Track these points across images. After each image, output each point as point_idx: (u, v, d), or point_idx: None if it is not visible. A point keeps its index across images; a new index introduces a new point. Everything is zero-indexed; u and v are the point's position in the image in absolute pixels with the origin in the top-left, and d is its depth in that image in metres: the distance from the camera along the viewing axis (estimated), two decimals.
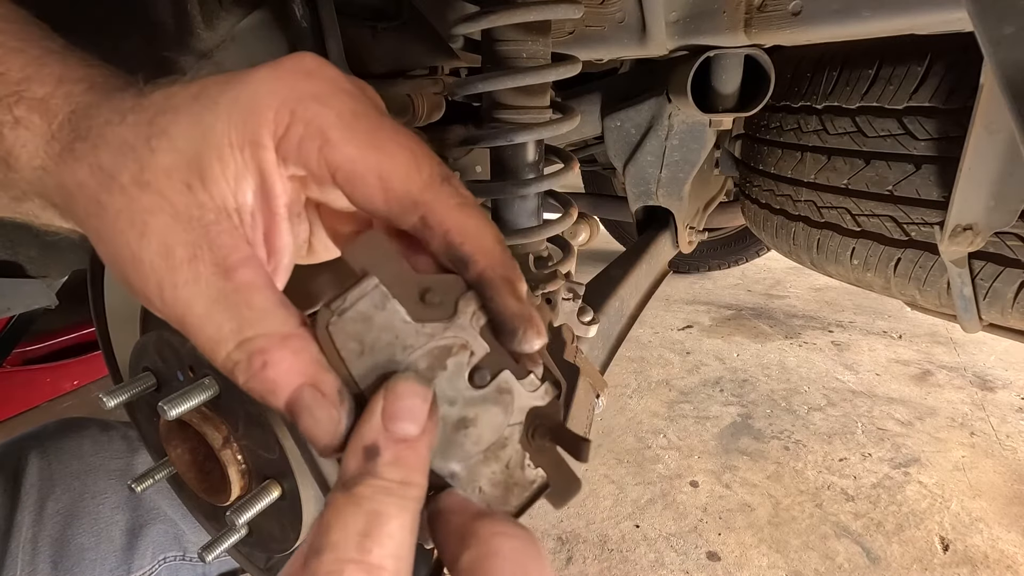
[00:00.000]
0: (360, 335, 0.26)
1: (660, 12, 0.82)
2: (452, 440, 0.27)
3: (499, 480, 0.28)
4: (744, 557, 1.48)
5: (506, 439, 0.28)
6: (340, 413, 0.25)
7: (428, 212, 0.26)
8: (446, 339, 0.27)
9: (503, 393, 0.28)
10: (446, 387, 0.27)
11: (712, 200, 1.59)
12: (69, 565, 0.68)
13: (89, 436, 0.76)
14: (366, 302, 0.26)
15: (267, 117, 0.25)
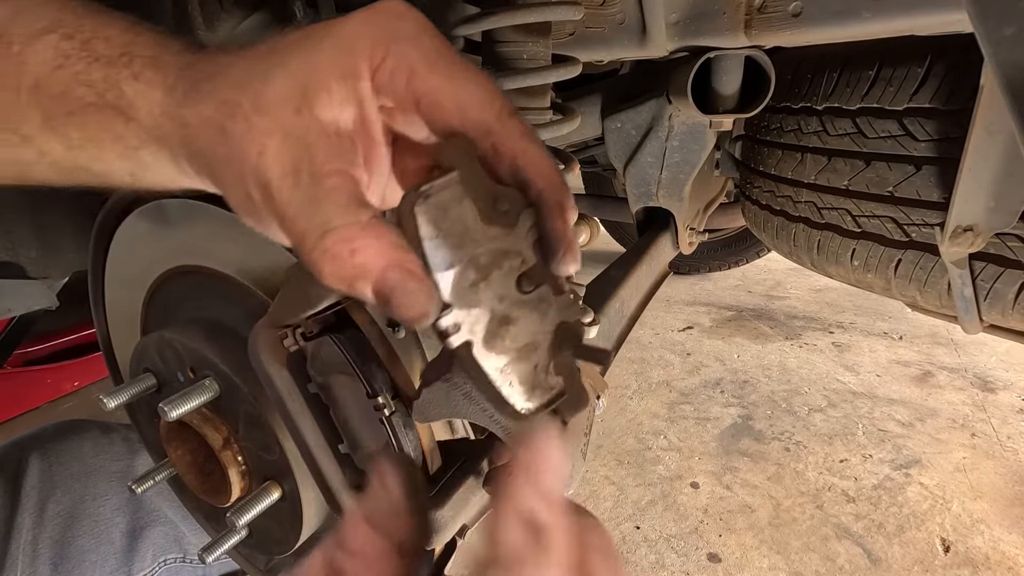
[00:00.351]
0: (437, 222, 0.29)
1: (660, 13, 0.82)
2: (496, 333, 0.30)
3: (526, 379, 0.31)
4: (745, 558, 1.48)
5: (537, 344, 0.31)
6: (429, 285, 0.28)
7: (498, 139, 0.30)
8: (506, 244, 0.30)
9: (542, 302, 0.31)
10: (498, 285, 0.30)
11: (712, 201, 1.59)
12: (69, 567, 0.68)
13: (90, 438, 0.76)
14: (447, 194, 0.29)
15: (365, 53, 0.29)
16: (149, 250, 0.50)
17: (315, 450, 0.39)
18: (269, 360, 0.37)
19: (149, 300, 0.53)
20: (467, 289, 0.30)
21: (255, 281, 0.44)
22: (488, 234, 0.30)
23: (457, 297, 0.30)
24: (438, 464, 0.43)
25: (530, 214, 0.31)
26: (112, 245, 0.52)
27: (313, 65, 0.29)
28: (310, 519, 0.47)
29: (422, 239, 0.29)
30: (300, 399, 0.38)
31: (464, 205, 0.30)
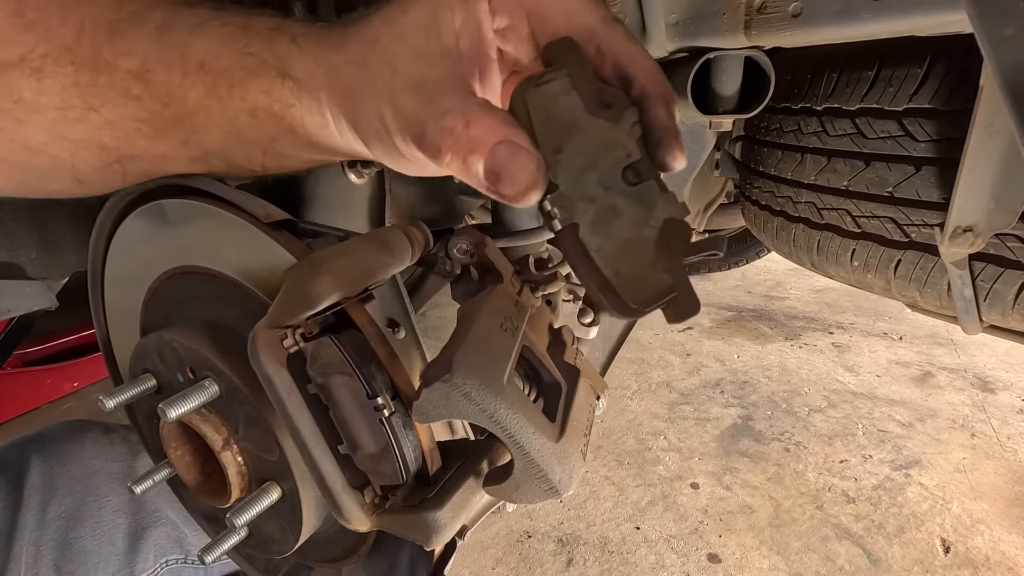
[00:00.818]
0: (546, 108, 0.31)
1: (660, 14, 0.82)
2: (602, 221, 0.31)
3: (633, 272, 0.32)
4: (745, 559, 1.48)
5: (644, 239, 0.32)
6: (538, 158, 0.30)
7: (602, 41, 0.33)
8: (611, 135, 0.32)
9: (647, 196, 0.32)
10: (604, 174, 0.31)
11: (712, 202, 1.59)
12: (72, 568, 0.68)
13: (91, 439, 0.76)
14: (555, 85, 0.31)
15: None
16: (149, 251, 0.50)
17: (315, 451, 0.39)
18: (269, 361, 0.37)
19: (149, 301, 0.53)
20: (575, 173, 0.31)
21: (255, 282, 0.44)
22: (594, 125, 0.31)
23: (565, 179, 0.31)
24: (438, 465, 0.43)
25: (634, 111, 0.32)
26: (112, 246, 0.52)
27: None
28: (310, 519, 0.47)
29: (532, 122, 0.31)
30: (300, 400, 0.38)
31: (571, 97, 0.31)
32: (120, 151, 0.40)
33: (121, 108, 0.38)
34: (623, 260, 0.32)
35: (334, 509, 0.41)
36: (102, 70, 0.38)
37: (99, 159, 0.41)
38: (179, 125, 0.39)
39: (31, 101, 0.38)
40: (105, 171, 0.42)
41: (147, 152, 0.41)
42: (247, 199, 0.42)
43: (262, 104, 0.37)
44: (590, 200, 0.31)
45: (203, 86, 0.37)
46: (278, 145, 0.39)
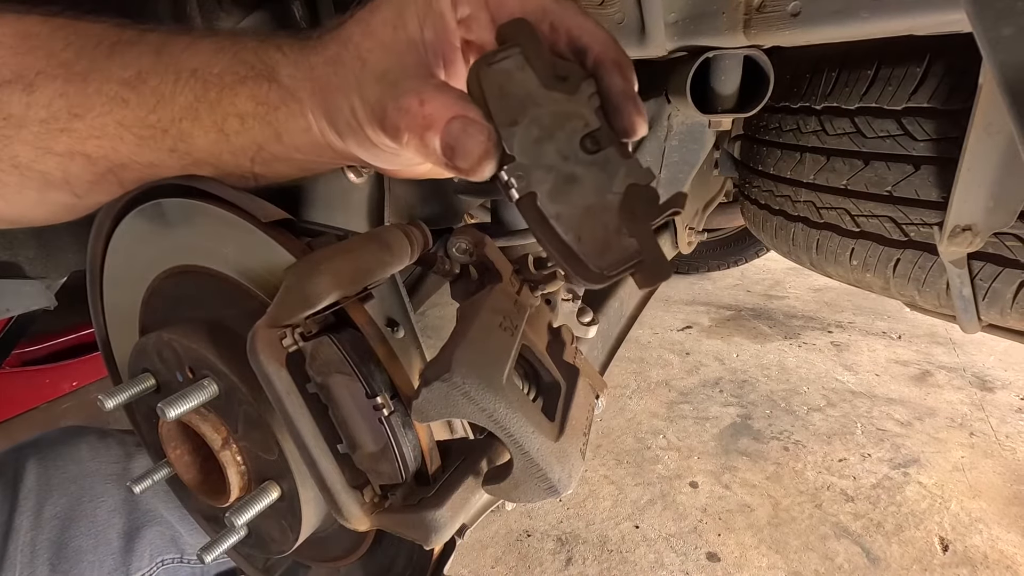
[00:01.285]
0: (501, 84, 0.32)
1: (659, 13, 0.82)
2: (561, 189, 0.32)
3: (597, 237, 0.32)
4: (744, 558, 1.48)
5: (607, 205, 0.32)
6: (490, 130, 0.32)
7: (555, 17, 0.34)
8: (568, 107, 0.32)
9: (609, 163, 0.32)
10: (562, 144, 0.32)
11: (711, 201, 1.59)
12: (67, 568, 0.68)
13: (87, 442, 0.76)
14: (509, 62, 0.32)
15: None
16: (148, 250, 0.49)
17: (314, 450, 0.39)
18: (268, 360, 0.37)
19: (148, 300, 0.53)
20: (531, 144, 0.32)
21: (254, 281, 0.44)
22: (550, 97, 0.32)
23: (521, 150, 0.32)
24: (437, 464, 0.43)
25: (591, 83, 0.33)
26: (111, 245, 0.51)
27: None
28: (309, 519, 0.47)
29: (487, 97, 0.32)
30: (299, 399, 0.38)
31: (525, 72, 0.32)
32: (108, 161, 0.41)
33: (106, 115, 0.39)
34: (586, 226, 0.32)
35: (333, 508, 0.41)
36: (93, 80, 0.39)
37: (89, 171, 0.41)
38: (165, 133, 0.40)
39: (19, 116, 0.39)
40: (100, 183, 0.42)
41: (134, 161, 0.41)
42: (246, 198, 0.42)
43: (250, 110, 0.38)
44: (548, 169, 0.32)
45: (193, 92, 0.38)
46: (266, 152, 0.40)
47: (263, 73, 0.38)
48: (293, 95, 0.38)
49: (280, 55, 0.38)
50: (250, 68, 0.38)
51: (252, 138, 0.39)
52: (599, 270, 0.32)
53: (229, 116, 0.39)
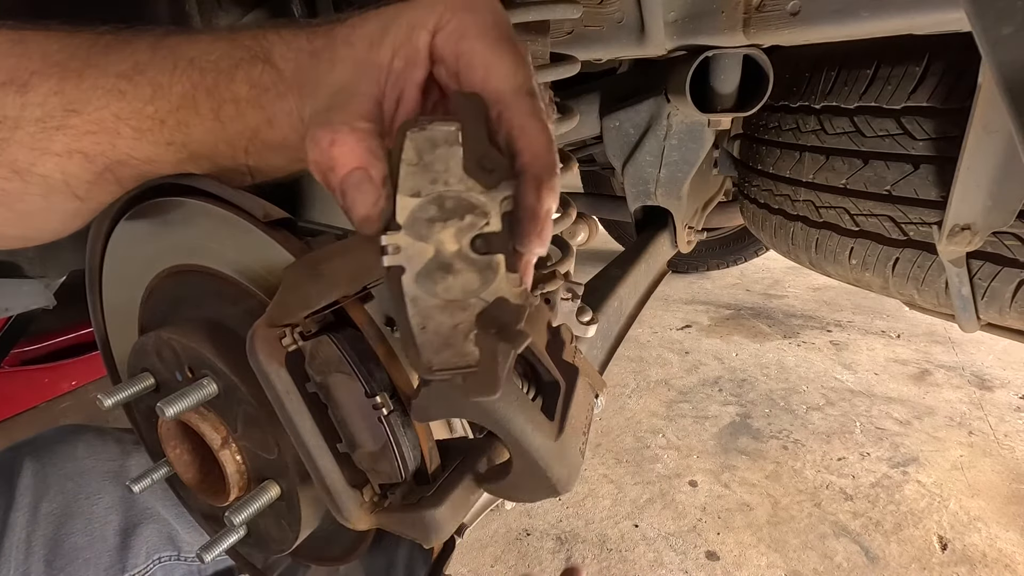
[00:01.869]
0: (422, 152, 0.31)
1: (659, 12, 0.82)
2: (431, 275, 0.31)
3: (443, 332, 0.32)
4: (743, 556, 1.48)
5: (468, 306, 0.32)
6: (381, 195, 0.32)
7: (505, 109, 0.33)
8: (475, 199, 0.31)
9: (488, 270, 0.31)
10: (454, 233, 0.31)
11: (711, 200, 1.59)
12: (63, 564, 0.68)
13: (84, 440, 0.76)
14: (441, 134, 0.31)
15: (436, 13, 0.35)
16: (147, 249, 0.49)
17: (313, 449, 0.39)
18: (267, 359, 0.37)
19: (147, 299, 0.52)
20: (423, 221, 0.31)
21: (253, 280, 0.44)
22: (465, 184, 0.31)
23: (410, 224, 0.31)
24: (436, 463, 0.43)
25: (511, 185, 0.31)
26: (110, 244, 0.51)
27: (396, 14, 0.36)
28: (308, 518, 0.47)
29: (401, 160, 0.31)
30: (298, 398, 0.38)
31: (453, 150, 0.31)
32: (105, 158, 0.41)
33: (103, 109, 0.39)
34: (437, 318, 0.32)
35: (333, 507, 0.41)
36: (88, 76, 0.39)
37: (87, 171, 0.41)
38: (162, 124, 0.40)
39: (14, 118, 0.39)
40: (98, 182, 0.42)
41: (132, 157, 0.41)
42: (245, 198, 0.42)
43: (243, 94, 0.38)
44: (427, 251, 0.31)
45: (190, 80, 0.38)
46: (259, 140, 0.40)
47: (259, 55, 0.38)
48: (281, 75, 0.38)
49: (276, 37, 0.39)
50: (246, 51, 0.38)
51: (246, 123, 0.39)
52: (428, 363, 0.32)
53: (225, 102, 0.39)
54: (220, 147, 0.41)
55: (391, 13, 0.36)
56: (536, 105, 0.33)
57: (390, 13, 0.36)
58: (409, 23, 0.35)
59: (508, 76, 0.33)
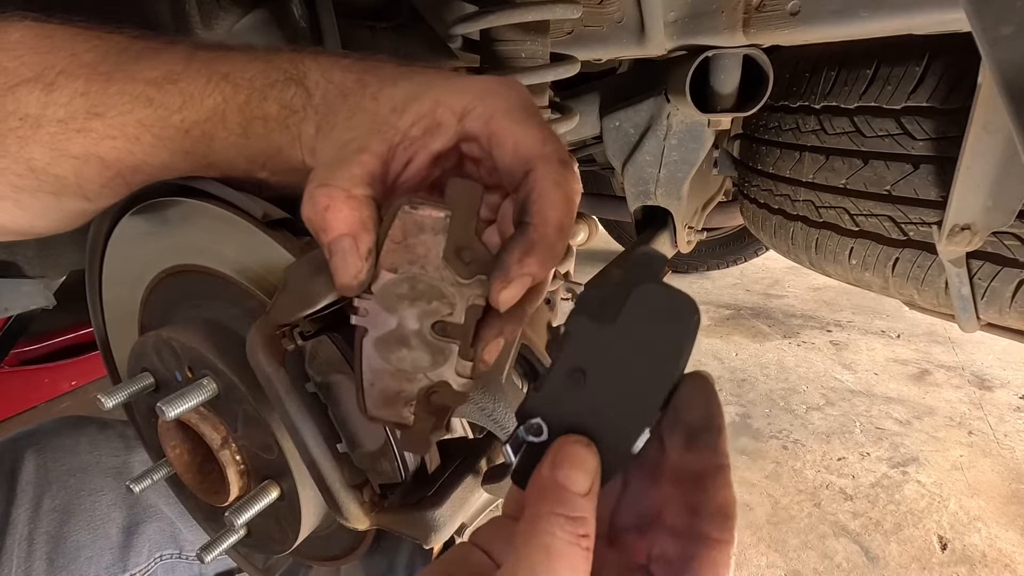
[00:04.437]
0: (408, 233, 0.33)
1: (658, 12, 0.82)
2: (389, 344, 0.33)
3: (388, 394, 0.34)
4: (743, 556, 1.48)
5: (414, 379, 0.34)
6: (364, 266, 0.33)
7: (533, 169, 0.33)
8: (448, 289, 0.33)
9: (440, 354, 0.33)
10: (418, 314, 0.33)
11: (711, 200, 1.59)
12: (65, 562, 0.68)
13: (86, 434, 0.76)
14: (430, 220, 0.33)
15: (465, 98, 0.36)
16: (147, 249, 0.49)
17: (313, 449, 0.39)
18: (267, 359, 0.37)
19: (147, 299, 0.52)
20: (393, 296, 0.33)
21: (253, 281, 0.44)
22: (439, 272, 0.33)
23: (381, 295, 0.33)
24: (437, 463, 0.43)
25: (484, 284, 0.33)
26: (110, 244, 0.51)
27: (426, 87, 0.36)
28: (308, 518, 0.47)
29: (387, 237, 0.33)
30: (298, 398, 0.38)
31: (437, 239, 0.33)
32: (121, 164, 0.41)
33: (127, 114, 0.39)
34: (385, 381, 0.34)
35: (333, 508, 0.41)
36: (116, 80, 0.39)
37: (101, 175, 0.41)
38: (186, 134, 0.40)
39: (35, 116, 0.39)
40: (109, 185, 0.42)
41: (147, 164, 0.41)
42: (245, 198, 0.42)
43: (274, 113, 0.39)
44: (390, 323, 0.33)
45: (222, 94, 0.39)
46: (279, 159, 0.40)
47: (294, 78, 0.39)
48: (311, 100, 0.38)
49: (313, 63, 0.39)
50: (282, 72, 0.39)
51: (270, 142, 0.39)
52: (370, 412, 0.34)
53: (255, 119, 0.39)
54: (239, 161, 0.41)
55: (422, 84, 0.37)
56: (565, 176, 0.33)
57: (421, 83, 0.37)
58: (435, 100, 0.36)
59: (537, 144, 0.34)
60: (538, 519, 0.25)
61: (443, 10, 0.83)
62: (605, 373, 0.28)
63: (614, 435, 0.28)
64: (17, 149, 0.39)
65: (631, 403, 0.28)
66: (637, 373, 0.27)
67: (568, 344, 0.28)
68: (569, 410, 0.28)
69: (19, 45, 0.39)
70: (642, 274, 0.28)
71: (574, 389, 0.28)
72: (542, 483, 0.26)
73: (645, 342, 0.27)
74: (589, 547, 0.25)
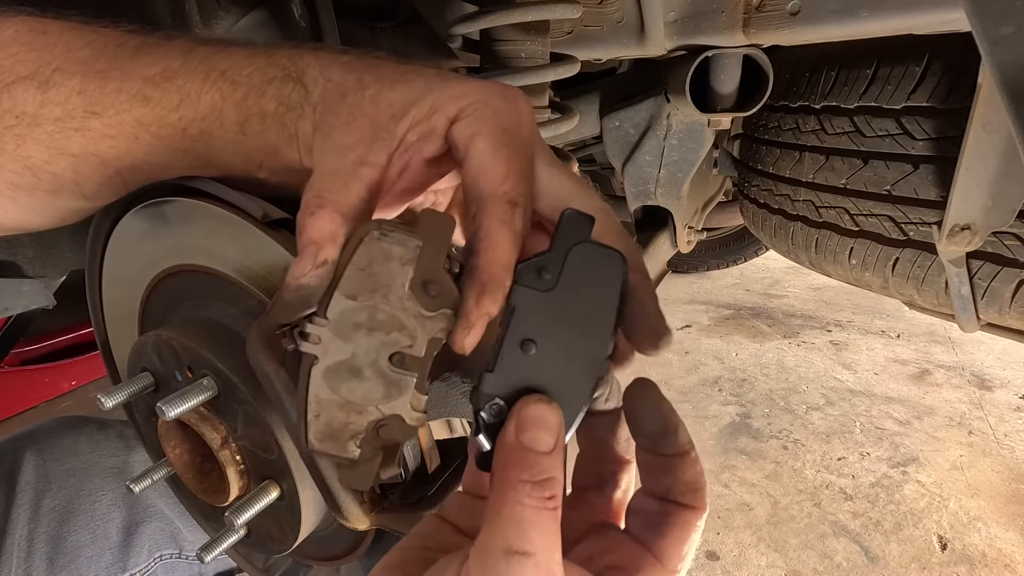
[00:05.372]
0: (372, 260, 0.32)
1: (659, 12, 0.82)
2: (340, 374, 0.32)
3: (334, 427, 0.32)
4: (743, 556, 1.48)
5: (363, 411, 0.32)
6: (313, 273, 0.33)
7: (480, 210, 0.33)
8: (409, 322, 0.32)
9: (395, 386, 0.32)
10: (375, 345, 0.32)
11: (711, 200, 1.59)
12: (65, 562, 0.68)
13: (86, 434, 0.76)
14: (398, 249, 0.32)
15: (460, 104, 0.35)
16: (147, 249, 0.49)
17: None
18: (267, 359, 0.37)
19: (147, 299, 0.52)
20: (349, 324, 0.32)
21: (253, 280, 0.44)
22: (403, 303, 0.32)
23: (336, 322, 0.32)
24: (436, 463, 0.43)
25: (449, 319, 0.32)
26: (110, 244, 0.51)
27: (425, 92, 0.36)
28: (308, 518, 0.47)
29: (350, 263, 0.32)
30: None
31: (404, 270, 0.32)
32: (120, 163, 0.41)
33: (125, 113, 0.39)
34: (331, 412, 0.32)
35: (333, 508, 0.41)
36: (113, 78, 0.38)
37: (99, 173, 0.41)
38: (184, 132, 0.39)
39: (32, 114, 0.38)
40: (107, 184, 0.42)
41: (145, 163, 0.41)
42: (245, 198, 0.42)
43: (271, 110, 0.38)
44: (344, 352, 0.32)
45: (220, 91, 0.38)
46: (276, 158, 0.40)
47: (292, 74, 0.38)
48: (308, 98, 0.38)
49: (312, 59, 0.39)
50: (281, 69, 0.38)
51: (267, 139, 0.39)
52: (312, 446, 0.32)
53: (252, 116, 0.39)
54: (237, 160, 0.40)
55: (421, 87, 0.37)
56: (512, 216, 0.33)
57: (420, 87, 0.37)
58: (432, 107, 0.36)
59: (497, 181, 0.33)
60: (505, 488, 0.26)
61: (443, 10, 0.83)
62: (553, 336, 0.29)
63: (569, 391, 0.29)
64: (14, 147, 0.39)
65: (580, 357, 0.30)
66: (582, 328, 0.30)
67: (515, 318, 0.29)
68: (523, 380, 0.29)
69: (13, 42, 0.39)
70: (574, 234, 0.30)
71: (525, 359, 0.29)
72: (507, 449, 0.27)
73: (585, 298, 0.30)
74: (557, 506, 0.26)
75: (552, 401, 0.28)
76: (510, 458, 0.27)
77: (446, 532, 0.33)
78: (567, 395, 0.29)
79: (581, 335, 0.30)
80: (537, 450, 0.27)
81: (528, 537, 0.25)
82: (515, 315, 0.30)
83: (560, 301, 0.30)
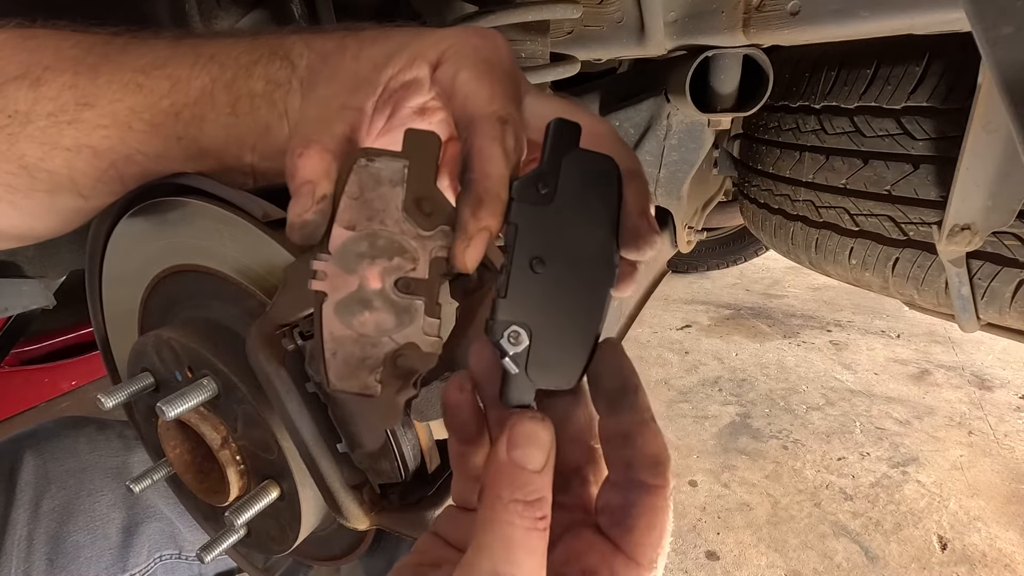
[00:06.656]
0: (364, 187, 0.31)
1: (658, 12, 0.82)
2: (350, 307, 0.31)
3: (351, 362, 0.32)
4: (743, 556, 1.48)
5: (378, 343, 0.32)
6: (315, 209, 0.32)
7: (471, 131, 0.33)
8: (409, 244, 0.31)
9: (405, 313, 0.31)
10: (379, 271, 0.31)
11: (711, 200, 1.59)
12: (65, 563, 0.68)
13: (85, 434, 0.76)
14: (387, 171, 0.31)
15: (440, 48, 0.36)
16: (147, 249, 0.49)
17: (313, 449, 0.39)
18: (267, 359, 0.37)
19: (147, 299, 0.52)
20: (353, 255, 0.31)
21: (253, 280, 0.44)
22: (400, 225, 0.31)
23: (339, 255, 0.31)
24: (437, 463, 0.43)
25: (447, 233, 0.31)
26: (109, 244, 0.51)
27: (404, 44, 0.37)
28: (308, 518, 0.47)
29: (344, 193, 0.31)
30: (298, 398, 0.38)
31: (395, 191, 0.31)
32: (113, 153, 0.41)
33: (117, 102, 0.39)
34: (347, 348, 0.32)
35: (333, 508, 0.41)
36: (103, 71, 0.39)
37: (94, 167, 0.41)
38: (176, 117, 0.40)
39: (25, 112, 0.39)
40: (103, 179, 0.42)
41: (139, 152, 0.41)
42: (245, 198, 0.42)
43: (260, 89, 0.39)
44: (351, 284, 0.31)
45: (209, 74, 0.39)
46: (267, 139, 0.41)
47: (278, 52, 0.39)
48: (295, 72, 0.39)
49: (297, 37, 0.40)
50: (267, 48, 0.40)
51: (258, 120, 0.40)
52: (333, 385, 0.32)
53: (242, 97, 0.39)
54: (230, 143, 0.41)
55: (400, 41, 0.37)
56: (502, 133, 0.32)
57: (399, 40, 0.37)
58: (412, 54, 0.36)
59: (484, 103, 0.33)
60: (496, 507, 0.25)
61: (443, 10, 0.83)
62: (560, 248, 0.29)
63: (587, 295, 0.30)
64: (7, 147, 0.39)
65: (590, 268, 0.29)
66: (586, 233, 0.29)
67: (519, 236, 0.29)
68: (538, 300, 0.29)
69: (3, 46, 0.40)
70: (564, 143, 0.30)
71: (536, 279, 0.29)
72: (498, 465, 0.27)
73: (583, 204, 0.29)
74: (546, 527, 0.26)
75: (545, 419, 0.27)
76: (500, 475, 0.26)
77: (437, 546, 0.32)
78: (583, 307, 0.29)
79: (586, 245, 0.29)
80: (529, 468, 0.26)
81: (516, 560, 0.24)
82: (519, 233, 0.29)
83: (560, 213, 0.29)
